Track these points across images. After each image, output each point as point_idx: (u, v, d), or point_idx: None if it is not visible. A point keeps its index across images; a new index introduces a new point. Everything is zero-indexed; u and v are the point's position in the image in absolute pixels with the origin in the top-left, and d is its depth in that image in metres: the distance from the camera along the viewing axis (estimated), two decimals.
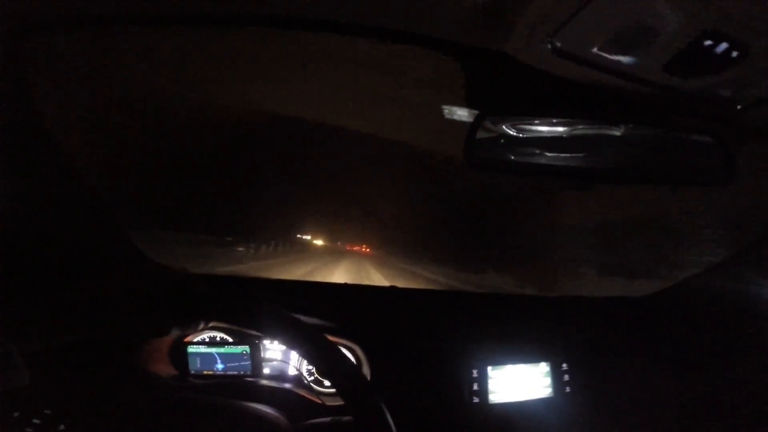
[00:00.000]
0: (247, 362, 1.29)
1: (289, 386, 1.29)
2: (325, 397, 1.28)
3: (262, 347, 1.32)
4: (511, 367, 1.33)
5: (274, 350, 1.34)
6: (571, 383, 1.36)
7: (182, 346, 1.28)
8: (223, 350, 1.29)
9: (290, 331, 0.67)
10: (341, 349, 1.26)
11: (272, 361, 1.34)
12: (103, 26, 0.74)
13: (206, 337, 1.32)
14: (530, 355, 1.36)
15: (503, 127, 0.83)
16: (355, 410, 0.62)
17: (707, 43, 0.69)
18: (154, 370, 1.22)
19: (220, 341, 1.31)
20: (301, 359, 1.34)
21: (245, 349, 1.29)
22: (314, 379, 1.34)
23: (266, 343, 1.34)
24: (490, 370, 1.30)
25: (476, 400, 1.28)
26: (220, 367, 1.29)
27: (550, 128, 0.85)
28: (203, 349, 1.28)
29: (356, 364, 1.30)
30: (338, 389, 0.64)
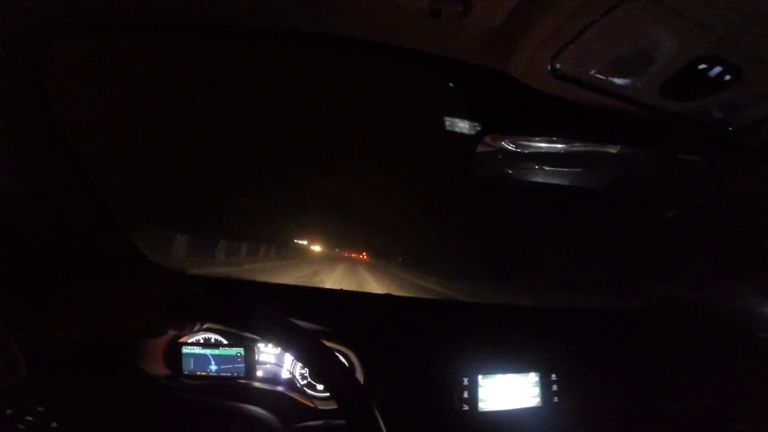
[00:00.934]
0: (240, 364, 1.29)
1: (281, 389, 1.30)
2: (317, 400, 1.29)
3: (256, 350, 1.32)
4: (501, 376, 1.35)
5: (268, 353, 1.35)
6: (559, 393, 1.38)
7: (177, 346, 1.28)
8: (217, 352, 1.29)
9: (287, 335, 0.68)
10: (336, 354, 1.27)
11: (266, 364, 1.34)
12: (126, 31, 0.75)
13: (201, 338, 1.32)
14: (520, 364, 1.38)
15: (502, 144, 0.85)
16: (348, 415, 0.63)
17: (701, 67, 0.72)
18: (147, 369, 1.22)
19: (214, 343, 1.31)
20: (294, 363, 1.35)
21: (240, 351, 1.29)
22: (307, 382, 1.35)
23: (260, 345, 1.34)
24: (480, 378, 1.32)
25: (466, 407, 1.30)
26: (213, 368, 1.29)
27: (546, 147, 0.88)
28: (198, 350, 1.28)
29: (350, 369, 1.31)
30: (333, 393, 0.65)
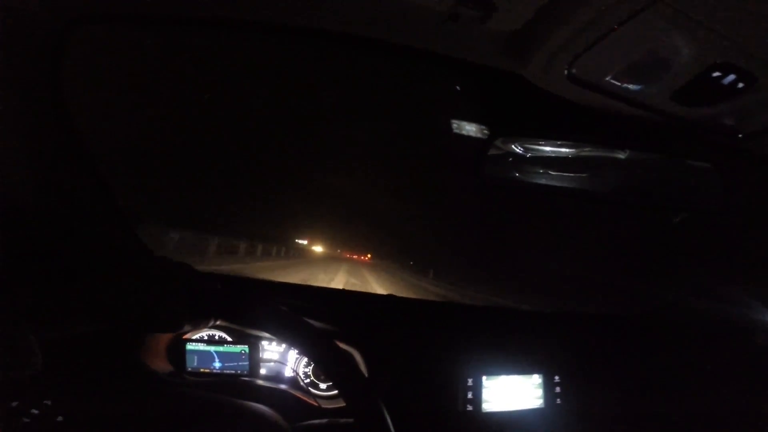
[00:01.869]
0: (245, 362, 1.29)
1: (285, 387, 1.30)
2: (321, 399, 1.29)
3: (260, 347, 1.32)
4: (504, 377, 1.35)
5: (272, 351, 1.35)
6: (562, 395, 1.39)
7: (180, 342, 1.28)
8: (221, 349, 1.29)
9: (300, 334, 0.68)
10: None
11: (269, 361, 1.34)
12: (142, 24, 0.75)
13: (205, 335, 1.31)
14: (524, 366, 1.39)
15: (513, 146, 0.85)
16: (356, 413, 0.64)
17: (715, 74, 0.72)
18: (151, 365, 1.22)
19: (218, 340, 1.31)
20: (297, 361, 1.35)
21: (244, 348, 1.29)
22: (310, 381, 1.35)
23: (264, 343, 1.34)
24: (484, 379, 1.33)
25: (470, 408, 1.30)
26: (217, 365, 1.28)
27: (557, 150, 0.88)
28: (202, 346, 1.28)
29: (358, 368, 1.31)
30: (342, 392, 0.66)
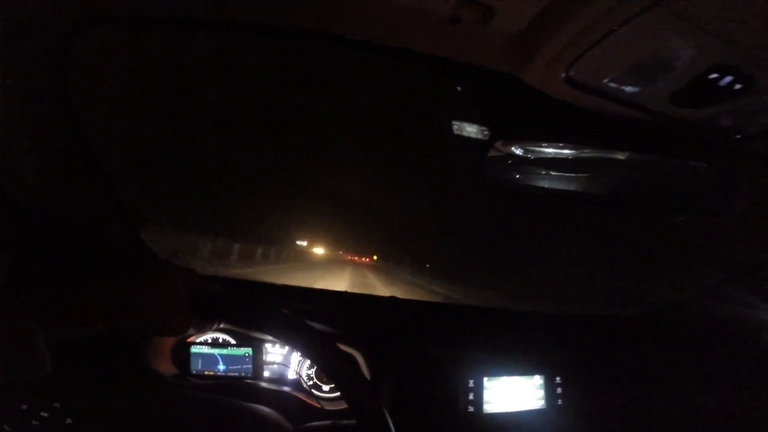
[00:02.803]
0: (248, 365, 1.30)
1: (288, 389, 1.31)
2: (324, 401, 1.30)
3: (264, 350, 1.34)
4: (506, 378, 1.36)
5: (275, 354, 1.36)
6: (563, 396, 1.39)
7: (185, 345, 1.29)
8: (225, 352, 1.30)
9: (302, 336, 0.69)
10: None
11: (273, 364, 1.35)
12: (150, 25, 0.76)
13: (209, 338, 1.33)
14: (525, 367, 1.39)
15: (512, 148, 0.86)
16: (358, 414, 0.65)
17: (713, 76, 0.73)
18: (156, 367, 1.23)
19: (222, 343, 1.32)
20: (300, 364, 1.36)
21: (248, 351, 1.30)
22: (313, 383, 1.36)
23: (268, 346, 1.35)
24: (485, 380, 1.33)
25: (471, 409, 1.31)
26: (221, 368, 1.30)
27: (557, 152, 0.89)
28: (206, 349, 1.29)
29: (360, 371, 1.32)
30: (344, 394, 0.66)
